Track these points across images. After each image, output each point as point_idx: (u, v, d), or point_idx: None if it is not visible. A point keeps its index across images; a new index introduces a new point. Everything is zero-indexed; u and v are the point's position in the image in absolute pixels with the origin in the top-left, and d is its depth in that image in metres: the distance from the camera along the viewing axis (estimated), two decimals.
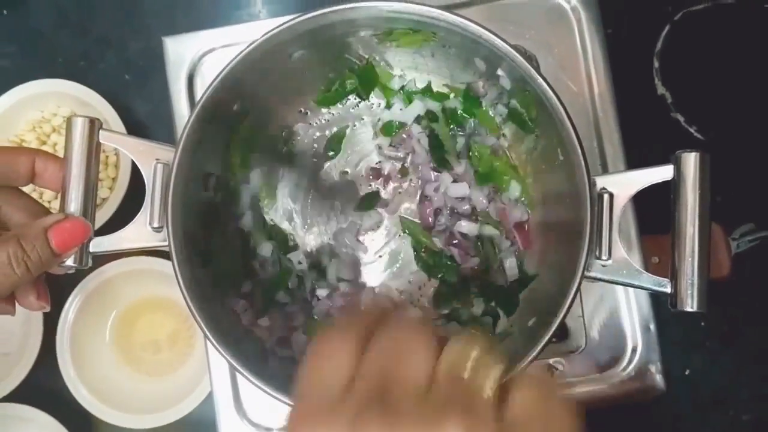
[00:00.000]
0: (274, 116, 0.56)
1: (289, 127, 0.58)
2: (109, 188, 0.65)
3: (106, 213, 0.63)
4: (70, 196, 0.44)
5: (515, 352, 0.43)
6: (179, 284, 0.44)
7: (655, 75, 0.68)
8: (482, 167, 0.56)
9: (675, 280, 0.41)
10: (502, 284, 0.54)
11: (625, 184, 0.43)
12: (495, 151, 0.56)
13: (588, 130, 0.57)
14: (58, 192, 0.44)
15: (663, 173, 0.42)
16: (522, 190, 0.55)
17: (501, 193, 0.56)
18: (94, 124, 0.44)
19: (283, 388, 0.44)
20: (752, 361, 0.64)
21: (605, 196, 0.43)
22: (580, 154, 0.43)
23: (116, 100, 0.65)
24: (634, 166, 0.48)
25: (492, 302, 0.54)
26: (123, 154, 0.66)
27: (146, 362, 0.67)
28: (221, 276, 0.51)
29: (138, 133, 0.66)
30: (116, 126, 0.64)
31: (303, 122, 0.58)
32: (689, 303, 0.41)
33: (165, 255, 0.45)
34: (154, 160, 0.45)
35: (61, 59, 0.70)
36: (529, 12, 0.58)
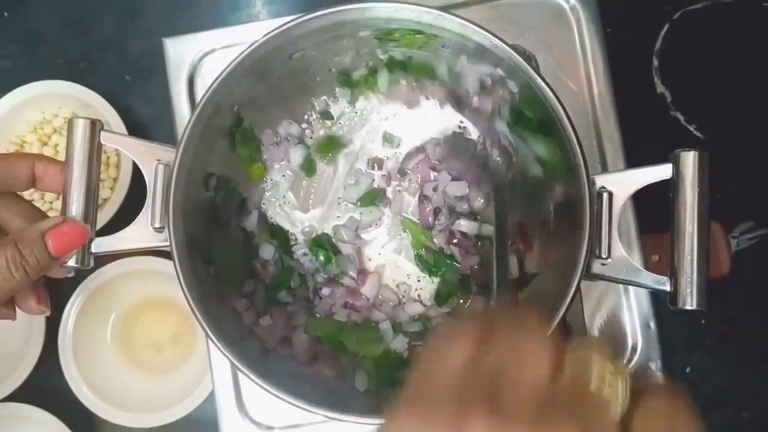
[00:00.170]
0: (274, 116, 0.57)
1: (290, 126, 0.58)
2: (110, 189, 0.65)
3: (107, 213, 0.63)
4: (71, 197, 0.44)
5: None
6: (181, 284, 0.44)
7: (654, 74, 0.68)
8: None
9: (674, 279, 0.42)
10: None
11: (624, 183, 0.43)
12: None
13: (587, 129, 0.57)
14: (60, 194, 0.44)
15: (662, 172, 0.43)
16: None
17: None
18: (96, 126, 0.45)
19: (284, 386, 0.44)
20: (752, 359, 0.65)
21: (605, 195, 0.43)
22: (580, 153, 0.43)
23: (117, 101, 0.65)
24: (633, 164, 0.48)
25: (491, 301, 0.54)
26: (124, 155, 0.66)
27: (148, 362, 0.67)
28: (223, 275, 0.51)
29: (139, 134, 0.67)
30: (117, 127, 0.64)
31: (303, 122, 0.58)
32: (689, 301, 0.41)
33: (166, 255, 0.45)
34: (155, 161, 0.45)
35: (62, 60, 0.70)
36: (528, 12, 0.58)
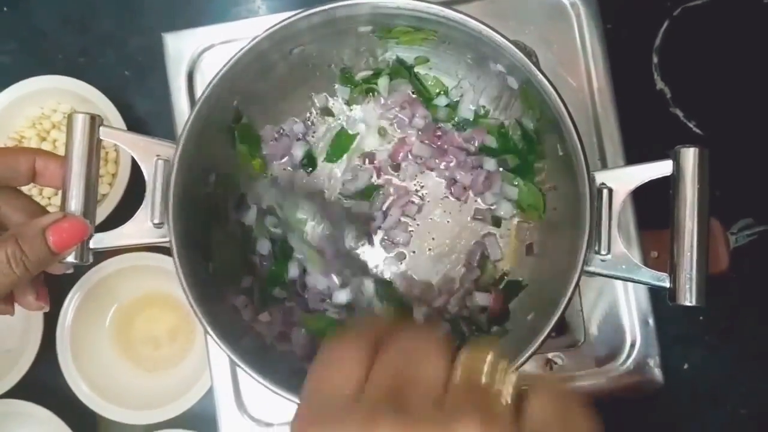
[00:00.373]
0: (274, 112, 0.56)
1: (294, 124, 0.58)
2: (109, 184, 0.65)
3: (106, 209, 0.63)
4: (71, 192, 0.44)
5: (515, 347, 0.44)
6: (180, 280, 0.44)
7: (654, 70, 0.68)
8: None
9: (674, 275, 0.42)
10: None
11: (624, 180, 0.43)
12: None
13: (587, 125, 0.57)
14: (59, 190, 0.44)
15: (662, 168, 0.43)
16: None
17: None
18: (95, 121, 0.44)
19: (283, 383, 0.44)
20: (750, 355, 0.65)
21: (604, 192, 0.43)
22: (580, 149, 0.43)
23: (116, 97, 0.65)
24: (633, 161, 0.48)
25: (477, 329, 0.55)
26: (123, 150, 0.66)
27: (146, 358, 0.67)
28: (222, 271, 0.51)
29: (138, 130, 0.66)
30: (116, 122, 0.64)
31: (304, 120, 0.58)
32: (688, 297, 0.41)
33: (165, 251, 0.45)
34: (155, 157, 0.45)
35: (61, 56, 0.70)
36: (528, 8, 0.58)
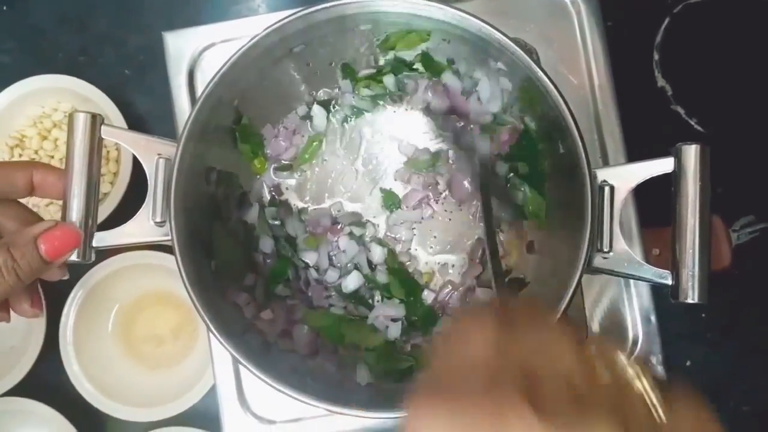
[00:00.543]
0: (274, 110, 0.56)
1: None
2: (111, 183, 0.65)
3: (107, 208, 0.63)
4: (72, 192, 0.44)
5: None
6: (182, 278, 0.44)
7: (655, 67, 0.68)
8: None
9: (676, 272, 0.42)
10: None
11: (625, 177, 0.43)
12: None
13: (588, 122, 0.57)
14: (60, 200, 0.44)
15: (663, 166, 0.43)
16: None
17: None
18: (96, 120, 0.44)
19: (285, 380, 0.44)
20: (752, 352, 0.65)
21: (606, 189, 0.43)
22: (581, 147, 0.43)
23: (116, 95, 0.65)
24: (634, 158, 0.48)
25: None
26: (124, 149, 0.66)
27: (149, 355, 0.68)
28: (224, 269, 0.51)
29: (139, 128, 0.67)
30: (117, 121, 0.64)
31: (304, 118, 0.58)
32: (690, 295, 0.41)
33: (167, 249, 0.45)
34: (156, 155, 0.45)
35: (61, 55, 0.70)
36: (528, 5, 0.58)
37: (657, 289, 0.56)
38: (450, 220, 0.56)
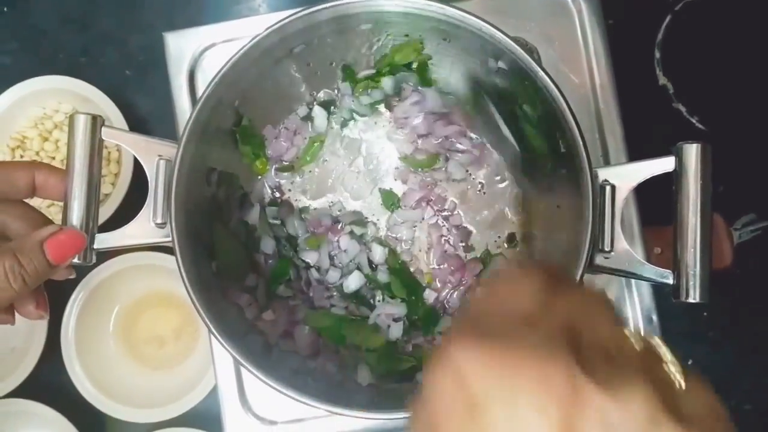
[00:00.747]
0: (275, 111, 0.56)
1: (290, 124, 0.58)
2: (112, 184, 0.65)
3: (108, 209, 0.63)
4: (73, 193, 0.44)
5: None
6: (183, 280, 0.44)
7: (656, 66, 0.68)
8: None
9: (677, 271, 0.42)
10: None
11: (626, 176, 0.43)
12: None
13: (589, 121, 0.57)
14: (61, 201, 0.44)
15: (665, 165, 0.42)
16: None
17: None
18: (97, 121, 0.44)
19: (286, 381, 0.44)
20: (754, 351, 0.65)
21: (607, 188, 0.43)
22: (582, 145, 0.43)
23: (117, 96, 0.65)
24: (635, 157, 0.48)
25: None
26: (125, 150, 0.66)
27: (150, 357, 0.68)
28: (225, 270, 0.51)
29: (140, 129, 0.67)
30: (118, 122, 0.64)
31: (305, 119, 0.58)
32: (692, 294, 0.41)
33: (169, 250, 0.45)
34: (157, 157, 0.45)
35: (62, 56, 0.70)
36: (529, 4, 0.58)
37: (658, 289, 0.55)
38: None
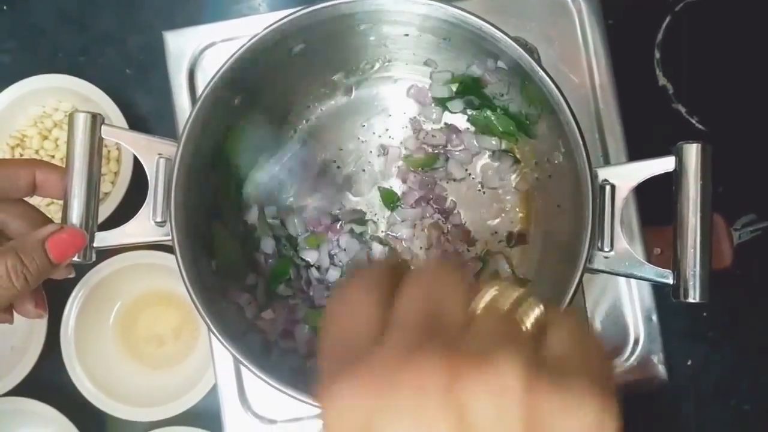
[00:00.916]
0: (275, 110, 0.56)
1: (292, 123, 0.58)
2: (111, 182, 0.65)
3: (108, 207, 0.63)
4: (73, 192, 0.44)
5: None
6: (183, 278, 0.44)
7: (656, 66, 0.68)
8: None
9: (677, 271, 0.42)
10: None
11: (626, 176, 0.43)
12: None
13: (589, 121, 0.57)
14: (61, 199, 0.44)
15: (665, 165, 0.42)
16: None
17: None
18: (96, 120, 0.44)
19: (286, 380, 0.44)
20: (754, 351, 0.65)
21: (607, 188, 0.43)
22: (582, 145, 0.43)
23: (117, 95, 0.65)
24: (635, 157, 0.48)
25: None
26: (125, 149, 0.66)
27: (150, 355, 0.67)
28: (225, 269, 0.51)
29: (139, 128, 0.67)
30: (118, 121, 0.64)
31: (305, 117, 0.58)
32: (692, 294, 0.41)
33: (168, 249, 0.45)
34: (157, 155, 0.45)
35: (62, 54, 0.70)
36: (529, 4, 0.58)
37: (658, 288, 0.56)
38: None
